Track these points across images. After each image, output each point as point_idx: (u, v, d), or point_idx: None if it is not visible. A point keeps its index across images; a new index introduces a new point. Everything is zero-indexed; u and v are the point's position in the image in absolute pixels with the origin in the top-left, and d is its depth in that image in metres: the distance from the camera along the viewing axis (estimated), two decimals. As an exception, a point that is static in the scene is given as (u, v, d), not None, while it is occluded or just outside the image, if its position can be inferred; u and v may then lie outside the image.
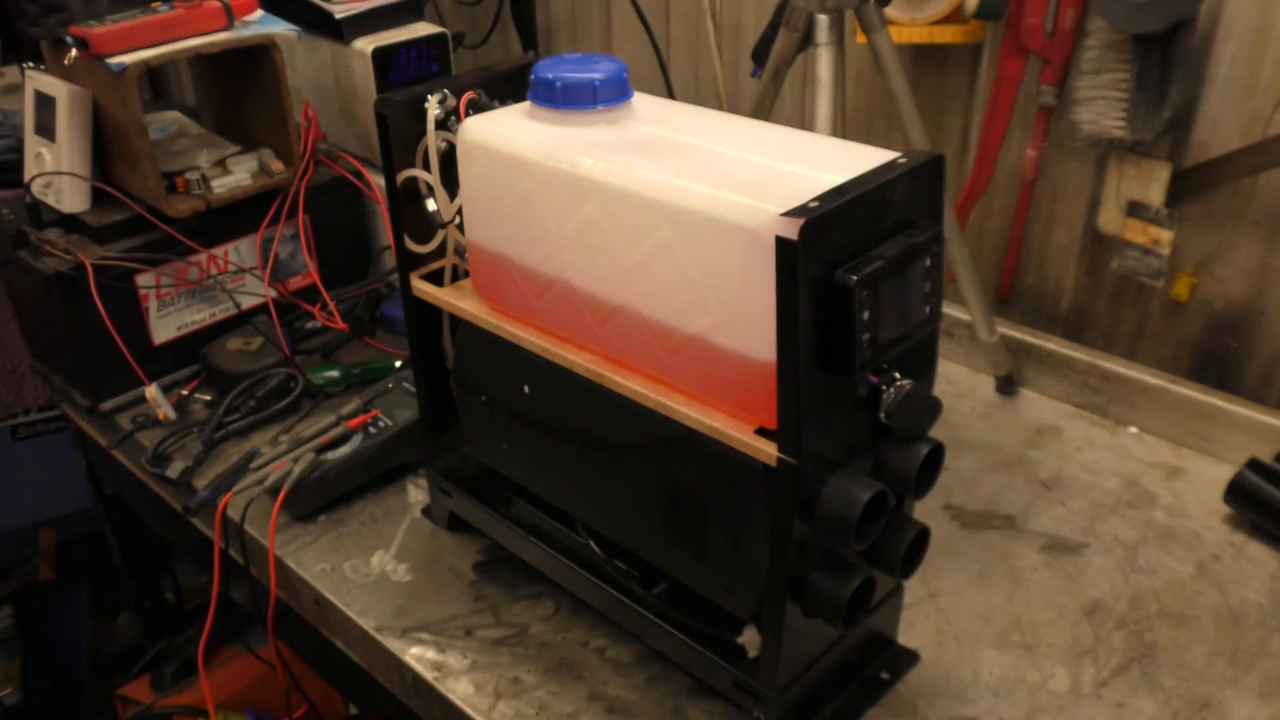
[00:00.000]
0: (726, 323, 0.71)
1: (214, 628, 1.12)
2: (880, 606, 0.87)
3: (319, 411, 1.26)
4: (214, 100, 1.46)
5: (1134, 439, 1.22)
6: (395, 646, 0.96)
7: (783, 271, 0.64)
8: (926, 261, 0.71)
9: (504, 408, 0.94)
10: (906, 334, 0.72)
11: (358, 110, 1.44)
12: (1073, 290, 1.37)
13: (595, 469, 0.88)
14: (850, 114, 1.46)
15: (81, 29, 1.18)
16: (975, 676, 0.91)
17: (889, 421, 0.72)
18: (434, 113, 0.88)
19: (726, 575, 0.81)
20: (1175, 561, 1.03)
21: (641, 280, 0.76)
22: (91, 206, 1.29)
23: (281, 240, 1.38)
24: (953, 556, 1.04)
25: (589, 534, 0.93)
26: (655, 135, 0.80)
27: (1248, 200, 1.17)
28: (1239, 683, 0.90)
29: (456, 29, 1.97)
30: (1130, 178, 1.22)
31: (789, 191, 0.66)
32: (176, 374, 1.33)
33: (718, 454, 0.75)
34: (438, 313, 0.98)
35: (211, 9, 1.24)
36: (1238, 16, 1.12)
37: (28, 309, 1.41)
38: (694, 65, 1.70)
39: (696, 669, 0.88)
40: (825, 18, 1.07)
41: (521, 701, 0.90)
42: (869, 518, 0.72)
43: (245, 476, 1.10)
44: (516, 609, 0.99)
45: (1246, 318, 1.22)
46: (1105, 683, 0.90)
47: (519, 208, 0.82)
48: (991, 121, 1.33)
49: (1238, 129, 1.16)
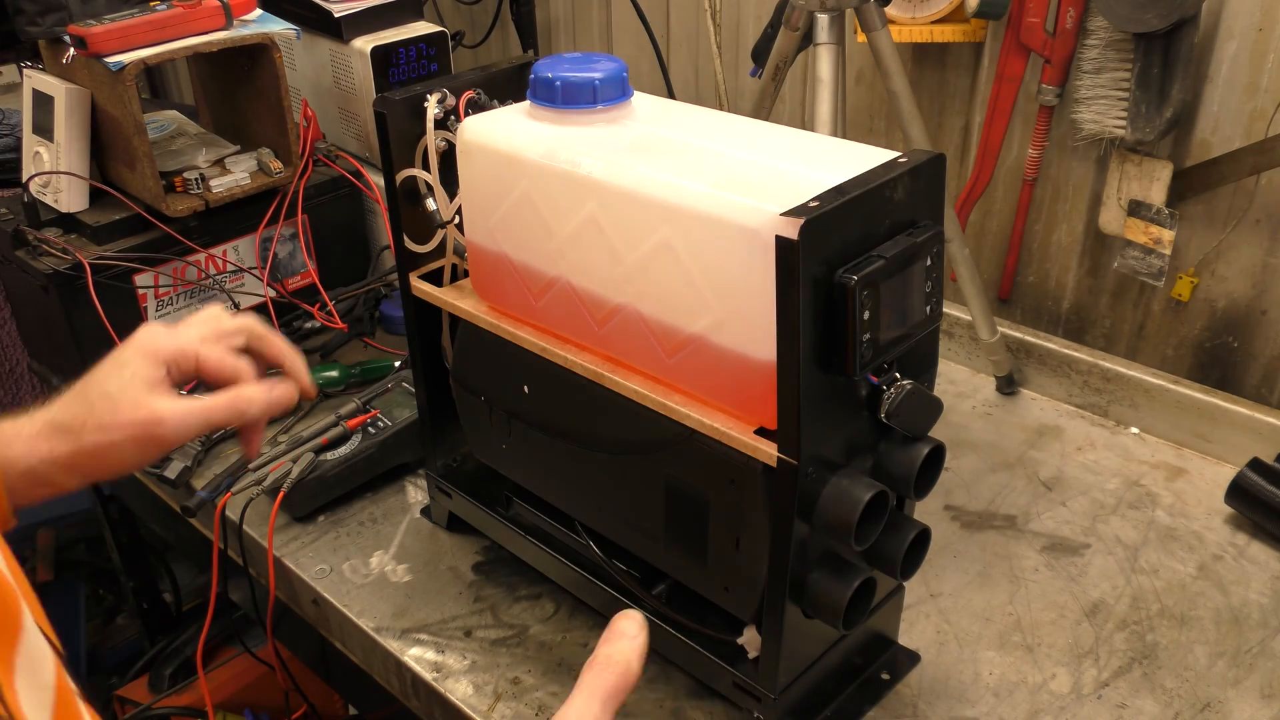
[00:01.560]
0: (726, 323, 0.71)
1: (213, 628, 1.12)
2: (881, 607, 0.87)
3: (318, 412, 1.26)
4: (212, 99, 1.46)
5: (1135, 439, 1.22)
6: (394, 647, 0.95)
7: (783, 271, 0.64)
8: (927, 261, 0.71)
9: (504, 408, 0.94)
10: (907, 334, 0.71)
11: (357, 109, 1.44)
12: (1074, 290, 1.36)
13: (595, 469, 0.88)
14: (850, 113, 1.46)
15: (79, 28, 1.18)
16: (976, 677, 0.91)
17: (889, 421, 0.72)
18: (433, 112, 0.88)
19: (726, 576, 0.80)
20: (1176, 562, 1.03)
21: (641, 280, 0.76)
22: (90, 206, 1.29)
23: (280, 240, 1.38)
24: (953, 557, 1.04)
25: (589, 534, 0.93)
26: (655, 135, 0.79)
27: (1249, 200, 1.17)
28: (1240, 684, 0.90)
29: (456, 28, 1.97)
30: (1131, 177, 1.22)
31: (789, 191, 0.66)
32: (175, 374, 1.33)
33: (718, 454, 0.75)
34: (437, 313, 0.97)
35: (210, 8, 1.24)
36: (1239, 15, 1.12)
37: (25, 309, 1.40)
38: (694, 65, 1.70)
39: (696, 670, 0.88)
40: (825, 17, 1.07)
41: (521, 702, 0.89)
42: (869, 518, 0.72)
43: (244, 477, 1.10)
44: (516, 609, 0.99)
45: (1248, 317, 1.22)
46: (1106, 683, 0.90)
47: (519, 207, 0.82)
48: (992, 121, 1.32)
49: (1239, 128, 1.15)
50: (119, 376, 0.71)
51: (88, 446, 0.70)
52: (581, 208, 0.77)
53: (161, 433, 0.70)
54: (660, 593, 0.90)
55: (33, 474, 0.70)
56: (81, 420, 0.70)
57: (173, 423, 0.71)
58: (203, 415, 0.72)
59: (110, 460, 0.71)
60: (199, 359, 0.74)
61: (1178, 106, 1.13)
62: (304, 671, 1.25)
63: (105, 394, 0.70)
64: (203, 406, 0.72)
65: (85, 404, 0.71)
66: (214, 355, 0.75)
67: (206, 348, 0.74)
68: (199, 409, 0.72)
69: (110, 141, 1.28)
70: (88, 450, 0.70)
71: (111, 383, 0.71)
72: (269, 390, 0.75)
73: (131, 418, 0.70)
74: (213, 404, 0.73)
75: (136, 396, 0.70)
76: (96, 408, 0.70)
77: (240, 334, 0.77)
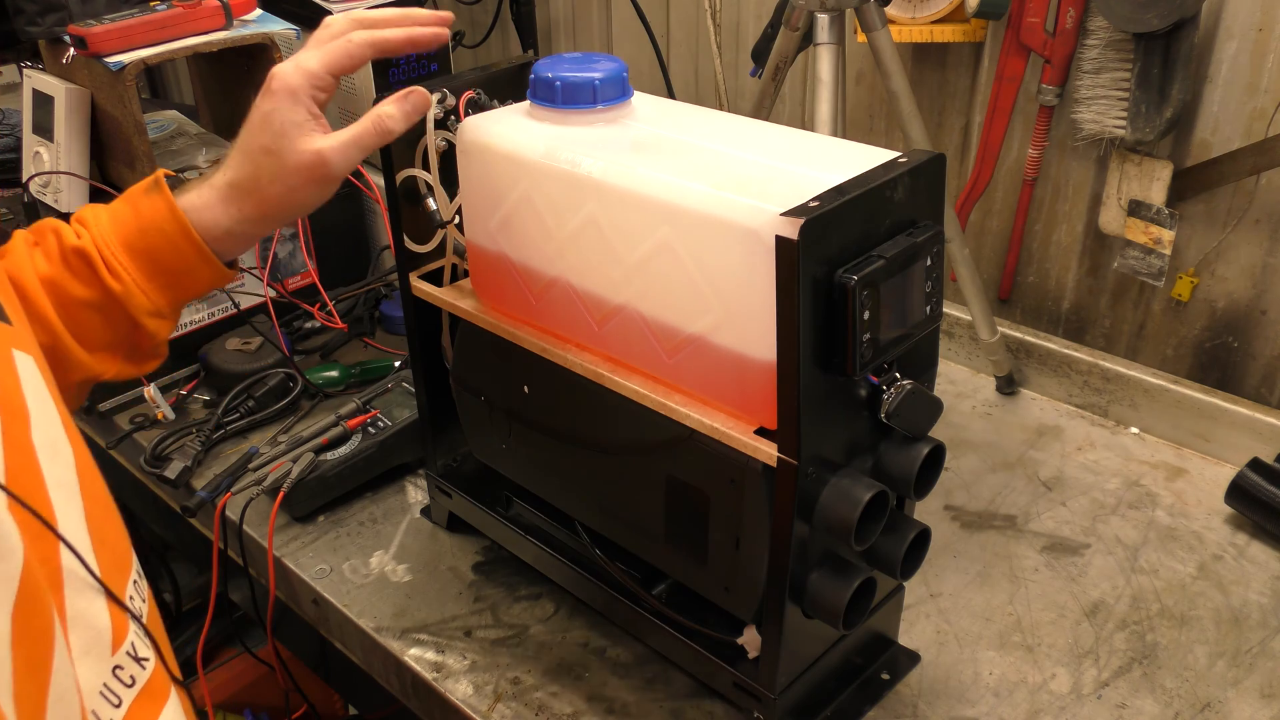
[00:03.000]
0: (726, 323, 0.71)
1: (213, 628, 1.12)
2: (881, 607, 0.87)
3: (318, 411, 1.26)
4: (212, 99, 1.46)
5: (1135, 439, 1.22)
6: (394, 647, 0.95)
7: (783, 271, 0.64)
8: (927, 261, 0.71)
9: (503, 408, 0.94)
10: (907, 334, 0.71)
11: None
12: (1074, 290, 1.36)
13: (595, 469, 0.88)
14: (850, 113, 1.46)
15: (79, 28, 1.18)
16: (976, 677, 0.91)
17: (889, 422, 0.72)
18: (433, 112, 0.88)
19: (726, 576, 0.80)
20: (1176, 562, 1.03)
21: (641, 280, 0.76)
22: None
23: (280, 240, 1.38)
24: (953, 557, 1.04)
25: (589, 534, 0.93)
26: (655, 135, 0.79)
27: (1249, 200, 1.17)
28: (1240, 684, 0.90)
29: (456, 28, 1.97)
30: (1131, 177, 1.22)
31: (789, 191, 0.66)
32: (175, 374, 1.33)
33: (718, 454, 0.75)
34: (437, 313, 0.97)
35: (210, 8, 1.24)
36: (1239, 15, 1.12)
37: (26, 309, 1.40)
38: (694, 65, 1.70)
39: (696, 670, 0.88)
40: (826, 17, 1.07)
41: (521, 702, 0.89)
42: (869, 518, 0.72)
43: (244, 477, 1.10)
44: (516, 610, 0.99)
45: (1248, 317, 1.22)
46: (1106, 684, 0.90)
47: (518, 207, 0.82)
48: (992, 121, 1.32)
49: (1239, 128, 1.15)
50: (270, 129, 0.75)
51: (271, 198, 0.76)
52: (581, 208, 0.77)
53: (328, 171, 0.75)
54: (660, 593, 0.90)
55: (231, 234, 0.78)
56: (254, 178, 0.76)
57: (335, 159, 0.75)
58: (356, 143, 0.76)
59: (294, 203, 0.77)
60: (331, 72, 0.76)
61: (1178, 106, 1.13)
62: (304, 671, 1.25)
63: (265, 149, 0.75)
64: (354, 135, 0.76)
65: (251, 163, 0.76)
66: (340, 64, 0.77)
67: (330, 60, 0.76)
68: (352, 140, 0.76)
69: (110, 141, 1.28)
70: (272, 201, 0.76)
71: (266, 137, 0.75)
72: (403, 101, 0.78)
73: (298, 163, 0.75)
74: (361, 130, 0.77)
75: (294, 144, 0.74)
76: (262, 165, 0.75)
77: (350, 28, 0.78)
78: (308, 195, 0.77)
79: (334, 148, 0.75)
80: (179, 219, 0.77)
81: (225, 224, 0.77)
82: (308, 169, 0.75)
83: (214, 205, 0.77)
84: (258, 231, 0.80)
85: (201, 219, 0.77)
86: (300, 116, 0.75)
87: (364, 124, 0.77)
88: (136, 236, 0.77)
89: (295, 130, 0.75)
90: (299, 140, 0.75)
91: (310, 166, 0.75)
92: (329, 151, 0.75)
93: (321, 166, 0.75)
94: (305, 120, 0.75)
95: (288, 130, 0.75)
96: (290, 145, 0.75)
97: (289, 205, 0.77)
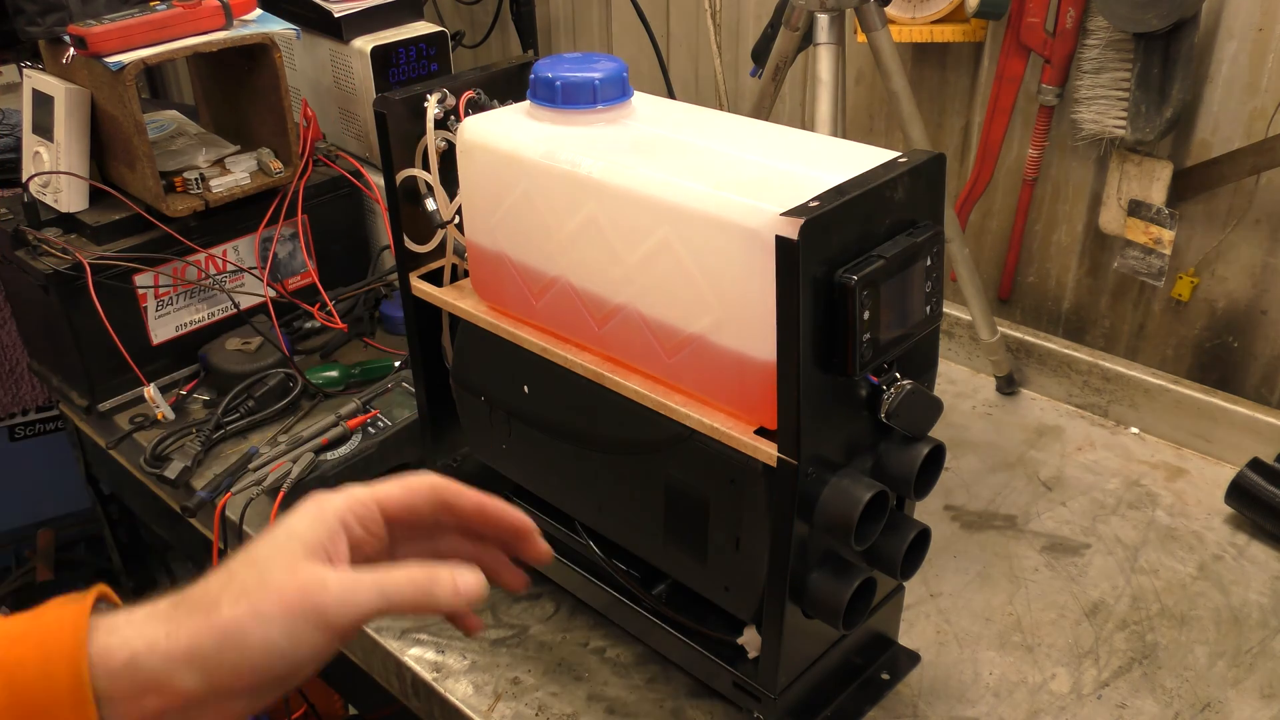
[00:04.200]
0: (726, 322, 0.71)
1: (212, 628, 1.12)
2: (881, 607, 0.87)
3: (318, 412, 1.26)
4: (212, 99, 1.46)
5: (1135, 439, 1.22)
6: (394, 647, 0.95)
7: (783, 271, 0.64)
8: (927, 261, 0.71)
9: (504, 408, 0.94)
10: (907, 334, 0.71)
11: (357, 110, 1.44)
12: (1074, 290, 1.36)
13: (595, 469, 0.88)
14: (850, 113, 1.46)
15: (79, 28, 1.18)
16: (976, 677, 0.91)
17: (889, 421, 0.72)
18: (433, 112, 0.88)
19: (726, 575, 0.80)
20: (1176, 562, 1.03)
21: (641, 280, 0.75)
22: (89, 206, 1.29)
23: (280, 240, 1.38)
24: (953, 557, 1.04)
25: (589, 534, 0.93)
26: (655, 135, 0.79)
27: (1249, 200, 1.17)
28: (1241, 684, 0.90)
29: (455, 28, 1.97)
30: (1131, 177, 1.22)
31: (789, 191, 0.66)
32: (175, 374, 1.33)
33: (718, 454, 0.75)
34: (437, 313, 0.97)
35: (210, 8, 1.24)
36: (1239, 15, 1.12)
37: (25, 309, 1.40)
38: (694, 65, 1.70)
39: (696, 670, 0.88)
40: (825, 17, 1.07)
41: (521, 702, 0.89)
42: (869, 518, 0.72)
43: (244, 477, 1.10)
44: (516, 609, 0.99)
45: (1248, 317, 1.22)
46: (1106, 684, 0.90)
47: (518, 207, 0.82)
48: (992, 121, 1.32)
49: (1239, 128, 1.15)
50: (271, 540, 0.54)
51: (220, 625, 0.50)
52: (581, 208, 0.77)
53: (323, 601, 0.51)
54: (660, 593, 0.90)
55: (134, 668, 0.49)
56: (216, 592, 0.52)
57: (338, 591, 0.52)
58: (376, 589, 0.53)
59: (250, 648, 0.50)
60: (382, 507, 0.58)
61: (1178, 106, 1.13)
62: (304, 671, 1.25)
63: (252, 559, 0.53)
64: (376, 578, 0.54)
65: (225, 574, 0.53)
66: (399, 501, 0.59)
67: (386, 493, 0.58)
68: (371, 579, 0.53)
69: (110, 141, 1.28)
70: (219, 630, 0.50)
71: (262, 547, 0.54)
72: (459, 574, 0.56)
73: (283, 583, 0.52)
74: (390, 577, 0.54)
75: (292, 560, 0.53)
76: (238, 575, 0.52)
77: (425, 489, 0.60)
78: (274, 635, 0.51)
79: (341, 578, 0.53)
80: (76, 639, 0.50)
81: (134, 647, 0.49)
82: (295, 592, 0.52)
83: (137, 621, 0.51)
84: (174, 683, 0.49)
85: (109, 635, 0.49)
86: (317, 535, 0.55)
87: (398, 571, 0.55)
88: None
89: (300, 545, 0.54)
90: (299, 557, 0.53)
91: (300, 589, 0.52)
92: (332, 578, 0.53)
93: (316, 591, 0.52)
94: (321, 541, 0.55)
95: (291, 543, 0.54)
96: (285, 559, 0.53)
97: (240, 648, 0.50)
